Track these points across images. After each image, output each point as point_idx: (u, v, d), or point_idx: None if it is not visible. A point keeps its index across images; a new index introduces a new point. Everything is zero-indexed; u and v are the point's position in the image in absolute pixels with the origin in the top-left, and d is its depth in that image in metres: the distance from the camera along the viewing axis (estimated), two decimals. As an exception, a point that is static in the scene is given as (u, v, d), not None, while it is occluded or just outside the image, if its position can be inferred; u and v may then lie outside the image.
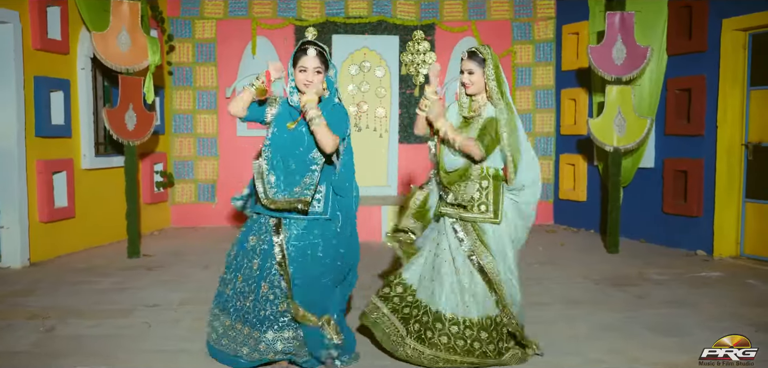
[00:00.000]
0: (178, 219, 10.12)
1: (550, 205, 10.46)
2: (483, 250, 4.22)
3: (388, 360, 4.34)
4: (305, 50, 4.01)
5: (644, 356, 4.48)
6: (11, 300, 5.88)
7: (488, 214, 4.24)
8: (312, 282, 3.99)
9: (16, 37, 7.14)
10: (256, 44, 10.03)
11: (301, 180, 3.98)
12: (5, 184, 7.17)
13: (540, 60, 10.28)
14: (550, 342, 4.71)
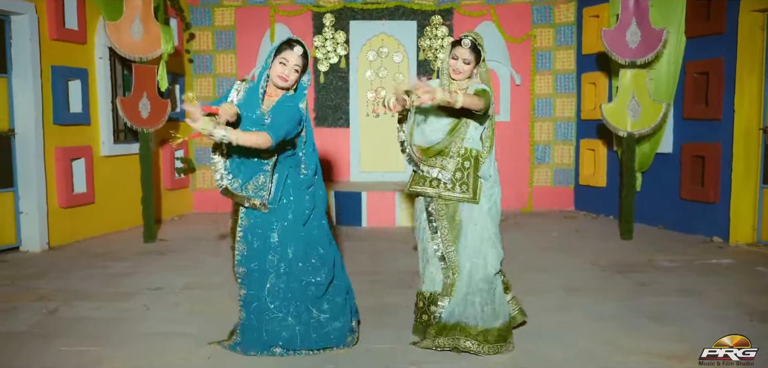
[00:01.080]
0: (199, 205, 10.30)
1: (570, 191, 10.38)
2: (449, 240, 4.32)
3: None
4: (292, 46, 4.08)
5: (637, 346, 4.43)
6: (24, 282, 6.08)
7: (467, 194, 4.27)
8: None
9: (32, 28, 7.33)
10: (275, 31, 10.12)
11: (254, 178, 4.04)
12: (24, 170, 7.38)
13: (560, 44, 10.18)
14: (542, 330, 4.71)
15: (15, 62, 7.31)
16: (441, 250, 4.33)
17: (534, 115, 10.28)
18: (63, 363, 4.14)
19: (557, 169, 10.36)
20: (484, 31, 10.14)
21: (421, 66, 10.14)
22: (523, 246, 7.67)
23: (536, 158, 10.36)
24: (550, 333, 4.67)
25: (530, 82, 10.24)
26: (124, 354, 4.28)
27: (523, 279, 6.04)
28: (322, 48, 10.12)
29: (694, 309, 5.21)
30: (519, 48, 10.21)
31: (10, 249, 7.35)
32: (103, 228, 8.35)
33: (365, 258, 7.05)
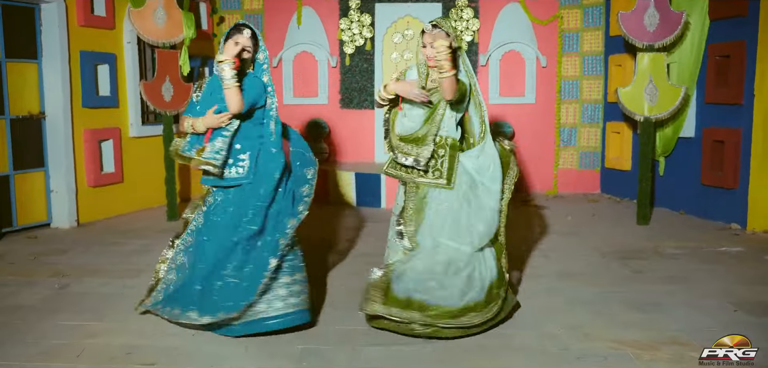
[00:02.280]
0: (229, 184, 10.60)
1: (597, 174, 10.34)
2: (411, 220, 4.53)
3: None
4: (241, 30, 4.41)
5: (605, 332, 4.49)
6: (44, 258, 6.46)
7: (441, 180, 4.43)
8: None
9: (61, 15, 7.69)
10: (301, 14, 10.32)
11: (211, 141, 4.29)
12: (54, 151, 7.77)
13: (588, 25, 10.10)
14: (518, 315, 4.82)
15: (45, 48, 7.69)
16: (401, 228, 4.49)
17: (560, 97, 10.25)
18: (59, 335, 4.44)
19: (583, 151, 10.32)
20: (510, 12, 10.15)
21: (445, 48, 10.18)
22: (534, 229, 7.73)
23: (562, 141, 10.34)
24: (523, 318, 4.78)
25: (557, 64, 10.20)
26: (118, 329, 4.56)
27: (521, 264, 6.15)
28: (348, 30, 10.28)
29: (678, 297, 5.23)
30: (546, 29, 10.17)
31: (41, 226, 7.77)
32: (131, 207, 8.72)
33: (373, 240, 7.21)
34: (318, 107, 10.40)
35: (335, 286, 5.53)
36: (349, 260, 6.41)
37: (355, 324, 4.66)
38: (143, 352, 4.16)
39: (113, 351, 4.19)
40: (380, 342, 4.35)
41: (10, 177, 7.41)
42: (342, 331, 4.53)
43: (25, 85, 7.57)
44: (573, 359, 4.10)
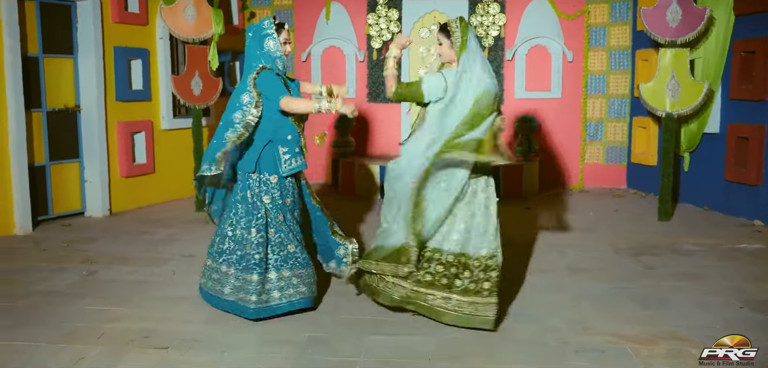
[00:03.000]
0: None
1: (623, 169, 10.35)
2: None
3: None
4: (284, 26, 4.76)
5: (606, 327, 4.59)
6: (76, 245, 6.76)
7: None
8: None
9: (96, 12, 7.99)
10: (330, 10, 10.51)
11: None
12: (88, 142, 8.09)
13: (615, 20, 10.11)
14: (522, 309, 4.95)
15: (80, 44, 8.00)
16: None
17: (586, 91, 10.28)
18: (82, 318, 4.70)
19: (610, 146, 10.34)
20: (536, 7, 10.20)
21: (472, 43, 10.29)
22: (551, 224, 7.81)
23: (588, 135, 10.37)
24: (528, 312, 4.90)
25: (583, 59, 10.23)
26: (138, 315, 4.80)
27: (534, 258, 6.26)
28: (376, 25, 10.43)
29: (685, 294, 5.29)
30: (572, 24, 10.21)
31: (75, 215, 8.10)
32: (162, 197, 9.02)
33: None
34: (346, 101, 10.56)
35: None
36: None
37: (363, 314, 4.83)
38: (159, 337, 4.39)
39: (131, 334, 4.42)
40: (385, 332, 4.51)
41: (46, 167, 7.74)
42: (349, 320, 4.71)
43: (62, 80, 7.89)
44: (571, 352, 4.21)
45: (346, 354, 4.15)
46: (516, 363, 4.08)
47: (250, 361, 4.07)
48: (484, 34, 10.25)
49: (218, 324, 4.64)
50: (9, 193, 7.11)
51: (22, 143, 7.17)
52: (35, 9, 7.55)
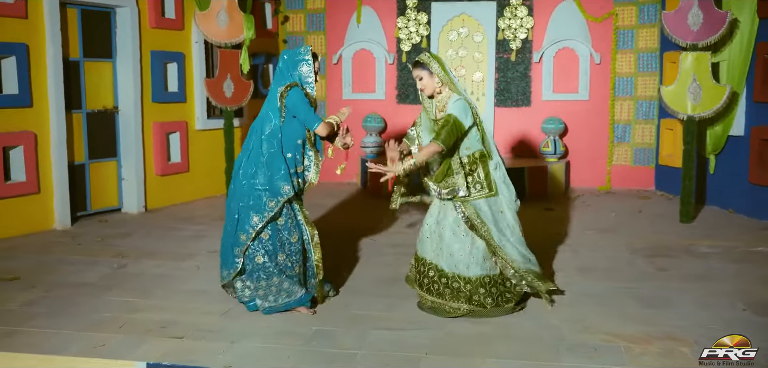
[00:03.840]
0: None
1: (651, 171, 10.39)
2: (480, 223, 4.87)
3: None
4: (317, 58, 4.98)
5: (605, 326, 4.71)
6: (110, 240, 7.14)
7: (483, 191, 4.86)
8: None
9: (133, 18, 8.39)
10: (361, 13, 10.77)
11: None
12: (125, 142, 8.50)
13: (644, 22, 10.16)
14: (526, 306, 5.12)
15: (119, 48, 8.41)
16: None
17: (614, 93, 10.35)
18: (107, 309, 5.03)
19: (638, 148, 10.39)
20: (564, 10, 10.32)
21: (499, 45, 10.47)
22: (573, 225, 7.94)
23: (616, 137, 10.44)
24: (529, 310, 5.05)
25: (611, 61, 10.31)
26: (159, 307, 5.11)
27: (547, 258, 6.41)
28: (405, 28, 10.66)
29: (690, 295, 5.38)
30: (600, 27, 10.29)
31: (113, 211, 8.51)
32: (196, 195, 9.39)
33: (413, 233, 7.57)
34: (375, 102, 10.85)
35: (362, 274, 5.95)
36: (384, 249, 6.80)
37: (370, 310, 5.07)
38: (176, 327, 4.69)
39: (151, 325, 4.73)
40: (388, 327, 4.74)
41: (85, 165, 8.16)
42: (356, 316, 4.94)
43: (101, 82, 8.30)
44: (564, 349, 4.37)
45: (347, 347, 4.38)
46: (508, 357, 4.25)
47: (256, 351, 4.34)
48: (512, 36, 10.39)
49: (234, 317, 4.92)
50: (50, 190, 7.53)
51: (62, 143, 7.59)
52: (77, 15, 7.96)
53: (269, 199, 4.78)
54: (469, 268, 4.89)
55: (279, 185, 4.75)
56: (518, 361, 4.21)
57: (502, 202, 4.97)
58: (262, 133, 4.81)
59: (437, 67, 4.75)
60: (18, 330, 4.60)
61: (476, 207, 4.88)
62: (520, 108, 10.51)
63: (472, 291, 4.88)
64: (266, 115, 4.82)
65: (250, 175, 4.82)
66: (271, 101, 4.83)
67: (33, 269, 6.06)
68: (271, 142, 4.77)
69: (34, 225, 7.41)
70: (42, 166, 7.44)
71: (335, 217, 8.48)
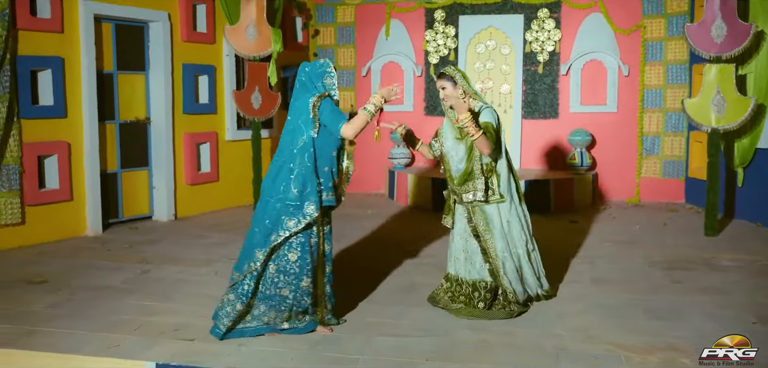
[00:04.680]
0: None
1: (681, 184, 10.31)
2: (488, 232, 5.15)
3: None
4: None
5: (609, 336, 4.74)
6: (139, 246, 7.38)
7: (496, 197, 5.13)
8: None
9: (165, 32, 8.67)
10: (390, 26, 10.93)
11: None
12: (157, 152, 8.77)
13: (672, 34, 10.11)
14: (533, 316, 5.19)
15: (151, 61, 8.69)
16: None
17: (643, 106, 10.31)
18: (125, 312, 5.24)
19: (667, 160, 10.32)
20: (592, 22, 10.33)
21: (527, 58, 10.52)
22: (595, 237, 7.94)
23: (644, 149, 10.39)
24: (535, 319, 5.12)
25: (639, 74, 10.28)
26: (175, 310, 5.30)
27: (563, 269, 6.46)
28: (433, 41, 10.78)
29: (701, 307, 5.36)
30: (628, 39, 10.27)
31: (144, 218, 8.78)
32: (225, 204, 9.62)
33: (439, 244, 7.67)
34: (403, 114, 10.95)
35: (379, 282, 6.06)
36: (408, 260, 6.89)
37: (381, 317, 5.18)
38: (188, 330, 4.86)
39: (165, 327, 4.91)
40: (394, 333, 4.84)
41: (118, 174, 8.44)
42: (366, 323, 5.05)
43: (134, 94, 8.59)
44: (565, 358, 4.42)
45: (351, 353, 4.50)
46: (507, 365, 4.33)
47: (261, 354, 4.48)
48: (540, 49, 10.43)
49: (244, 320, 5.08)
50: (82, 198, 7.82)
51: (95, 152, 7.87)
52: (111, 30, 8.26)
53: (291, 218, 4.60)
54: (469, 273, 5.27)
55: (305, 204, 4.58)
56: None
57: (508, 211, 5.20)
58: (293, 147, 4.65)
59: (461, 78, 5.07)
60: (38, 330, 4.83)
61: (488, 213, 5.13)
62: (548, 120, 10.53)
63: (469, 294, 5.23)
64: (297, 127, 4.66)
65: (281, 190, 4.60)
66: (300, 113, 4.67)
67: (61, 273, 6.31)
68: (303, 156, 4.60)
69: (67, 231, 7.69)
70: (75, 175, 7.74)
71: (360, 227, 8.57)
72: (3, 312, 5.22)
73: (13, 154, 7.06)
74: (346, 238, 7.73)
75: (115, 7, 8.09)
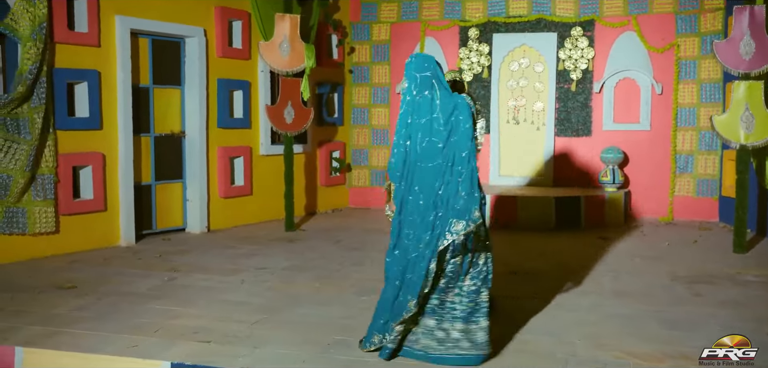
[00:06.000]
0: (354, 200, 11.52)
1: (715, 202, 10.15)
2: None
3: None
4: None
5: (622, 345, 4.74)
6: (169, 256, 7.57)
7: None
8: None
9: (201, 48, 8.90)
10: (424, 44, 11.03)
11: None
12: (191, 165, 8.98)
13: (706, 53, 10.00)
14: (550, 325, 5.21)
15: (187, 76, 8.92)
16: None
17: (676, 124, 10.21)
18: (148, 315, 5.39)
19: (700, 179, 10.19)
20: (625, 41, 10.29)
21: (560, 76, 10.52)
22: (622, 252, 7.88)
23: (678, 168, 10.27)
24: (550, 327, 5.13)
25: (673, 92, 10.19)
26: (196, 315, 5.44)
27: (585, 281, 6.45)
28: (467, 59, 10.84)
29: (718, 320, 5.30)
30: (662, 57, 10.20)
31: (177, 230, 8.98)
32: (258, 217, 9.78)
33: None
34: (436, 131, 11.03)
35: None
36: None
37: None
38: (207, 333, 4.98)
39: (184, 330, 5.04)
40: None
41: (152, 186, 8.66)
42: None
43: (169, 108, 8.82)
44: (575, 364, 4.43)
45: (363, 356, 4.57)
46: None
47: (276, 355, 4.58)
48: (573, 67, 10.42)
49: (265, 325, 5.19)
50: (116, 208, 8.05)
51: (129, 164, 8.11)
52: (148, 45, 8.52)
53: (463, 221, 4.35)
54: None
55: (474, 208, 4.36)
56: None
57: None
58: (454, 163, 4.41)
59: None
60: (62, 331, 5.01)
61: None
62: (581, 137, 10.48)
63: None
64: (458, 142, 4.42)
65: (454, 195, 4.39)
66: (463, 117, 4.42)
67: (91, 279, 6.51)
68: (472, 163, 4.42)
69: (100, 241, 7.92)
70: (109, 186, 7.97)
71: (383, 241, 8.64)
72: (31, 314, 5.42)
73: (48, 164, 7.30)
74: (370, 250, 7.82)
75: (152, 23, 8.35)
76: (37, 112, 7.12)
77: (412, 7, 11.16)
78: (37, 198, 7.24)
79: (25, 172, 7.08)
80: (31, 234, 7.27)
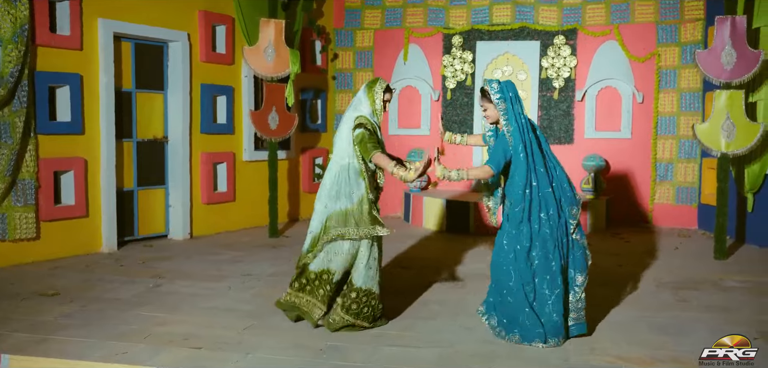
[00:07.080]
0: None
1: (693, 210, 10.27)
2: None
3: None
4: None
5: (610, 349, 4.79)
6: (151, 262, 7.47)
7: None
8: None
9: (185, 53, 8.81)
10: (408, 51, 11.04)
11: None
12: (173, 171, 8.88)
13: (686, 62, 10.13)
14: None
15: (170, 81, 8.83)
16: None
17: (656, 132, 10.31)
18: (135, 322, 5.31)
19: (680, 186, 10.30)
20: (607, 50, 10.37)
21: (542, 84, 10.57)
22: (605, 259, 7.91)
23: (658, 175, 10.37)
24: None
25: (653, 101, 10.29)
26: (184, 321, 5.37)
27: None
28: (450, 66, 10.87)
29: (706, 324, 5.38)
30: (643, 66, 10.30)
31: (159, 237, 8.87)
32: (241, 224, 9.69)
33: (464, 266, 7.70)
34: (420, 138, 11.05)
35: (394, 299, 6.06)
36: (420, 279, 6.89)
37: (388, 329, 5.23)
38: (197, 339, 4.92)
39: (173, 337, 4.98)
40: (402, 344, 4.88)
41: (134, 192, 8.56)
42: (372, 334, 5.10)
43: (152, 113, 8.72)
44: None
45: (355, 361, 4.55)
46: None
47: (267, 361, 4.54)
48: (555, 75, 10.48)
49: (255, 331, 5.14)
50: (98, 214, 7.92)
51: (111, 169, 7.99)
52: (130, 48, 8.42)
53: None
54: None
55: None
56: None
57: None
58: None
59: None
60: (49, 338, 4.92)
61: None
62: (563, 145, 10.54)
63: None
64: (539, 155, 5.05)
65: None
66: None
67: (74, 286, 6.40)
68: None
69: (82, 247, 7.80)
70: (91, 191, 7.85)
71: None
72: (16, 321, 5.32)
73: (29, 169, 7.17)
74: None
75: (135, 27, 8.25)
76: (18, 115, 6.98)
77: (396, 14, 11.16)
78: (17, 203, 7.10)
79: (6, 176, 6.94)
80: (12, 241, 7.14)
